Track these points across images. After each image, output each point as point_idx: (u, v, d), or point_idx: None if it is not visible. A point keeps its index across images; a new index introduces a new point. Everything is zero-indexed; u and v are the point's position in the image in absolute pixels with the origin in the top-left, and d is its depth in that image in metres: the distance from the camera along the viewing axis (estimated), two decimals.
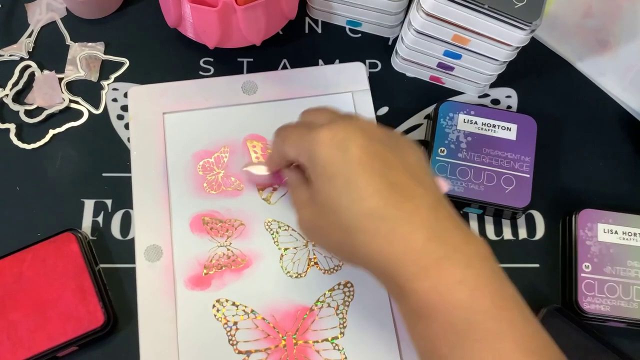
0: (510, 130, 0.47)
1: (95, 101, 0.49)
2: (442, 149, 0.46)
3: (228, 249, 0.44)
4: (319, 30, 0.54)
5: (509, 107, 0.51)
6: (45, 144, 0.48)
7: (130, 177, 0.46)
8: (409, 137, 0.36)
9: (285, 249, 0.45)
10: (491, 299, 0.30)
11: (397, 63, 0.52)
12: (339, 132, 0.33)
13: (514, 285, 0.32)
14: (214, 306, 0.43)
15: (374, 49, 0.53)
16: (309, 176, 0.36)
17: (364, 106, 0.49)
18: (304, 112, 0.40)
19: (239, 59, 0.52)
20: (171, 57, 0.51)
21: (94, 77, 0.50)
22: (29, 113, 0.48)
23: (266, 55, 0.52)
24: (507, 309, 0.30)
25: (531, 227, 0.47)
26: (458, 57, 0.48)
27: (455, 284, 0.30)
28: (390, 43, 0.53)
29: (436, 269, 0.30)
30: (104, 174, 0.47)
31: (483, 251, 0.32)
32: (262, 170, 0.44)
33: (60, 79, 0.50)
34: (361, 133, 0.33)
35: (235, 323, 0.42)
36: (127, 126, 0.48)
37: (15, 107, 0.48)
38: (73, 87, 0.50)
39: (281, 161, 0.40)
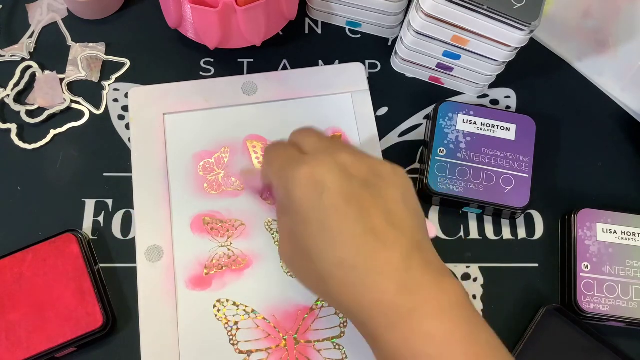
0: (509, 130, 0.47)
1: (96, 101, 0.50)
2: (442, 149, 0.46)
3: (229, 249, 0.45)
4: (319, 31, 0.54)
5: (508, 107, 0.52)
6: (47, 144, 0.48)
7: (131, 177, 0.46)
8: (395, 165, 0.35)
9: None
10: (463, 349, 0.29)
11: (396, 64, 0.52)
12: (316, 171, 0.32)
13: (491, 330, 0.31)
14: (214, 306, 0.43)
15: (373, 49, 0.53)
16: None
17: (364, 107, 0.49)
18: (292, 132, 0.39)
19: (239, 60, 0.52)
20: (172, 57, 0.51)
21: (95, 78, 0.50)
22: (30, 113, 0.49)
23: (266, 56, 0.52)
24: (480, 356, 0.30)
25: (530, 226, 0.47)
26: (457, 57, 0.48)
27: (424, 337, 0.29)
28: (389, 44, 0.53)
29: (405, 322, 0.30)
30: (104, 174, 0.47)
31: (456, 298, 0.31)
32: (257, 180, 0.42)
33: (62, 80, 0.50)
34: (339, 172, 0.32)
35: (236, 323, 0.43)
36: (127, 126, 0.48)
37: (16, 107, 0.49)
38: (74, 87, 0.50)
39: (268, 181, 0.38)
